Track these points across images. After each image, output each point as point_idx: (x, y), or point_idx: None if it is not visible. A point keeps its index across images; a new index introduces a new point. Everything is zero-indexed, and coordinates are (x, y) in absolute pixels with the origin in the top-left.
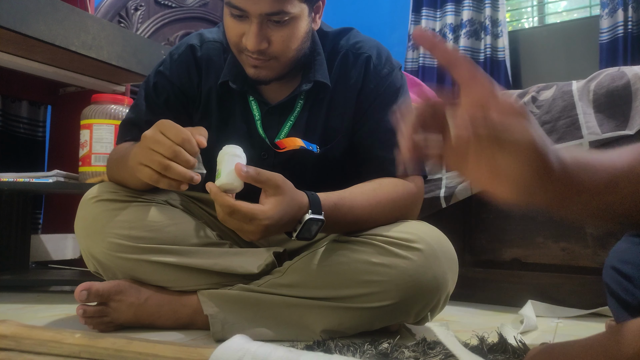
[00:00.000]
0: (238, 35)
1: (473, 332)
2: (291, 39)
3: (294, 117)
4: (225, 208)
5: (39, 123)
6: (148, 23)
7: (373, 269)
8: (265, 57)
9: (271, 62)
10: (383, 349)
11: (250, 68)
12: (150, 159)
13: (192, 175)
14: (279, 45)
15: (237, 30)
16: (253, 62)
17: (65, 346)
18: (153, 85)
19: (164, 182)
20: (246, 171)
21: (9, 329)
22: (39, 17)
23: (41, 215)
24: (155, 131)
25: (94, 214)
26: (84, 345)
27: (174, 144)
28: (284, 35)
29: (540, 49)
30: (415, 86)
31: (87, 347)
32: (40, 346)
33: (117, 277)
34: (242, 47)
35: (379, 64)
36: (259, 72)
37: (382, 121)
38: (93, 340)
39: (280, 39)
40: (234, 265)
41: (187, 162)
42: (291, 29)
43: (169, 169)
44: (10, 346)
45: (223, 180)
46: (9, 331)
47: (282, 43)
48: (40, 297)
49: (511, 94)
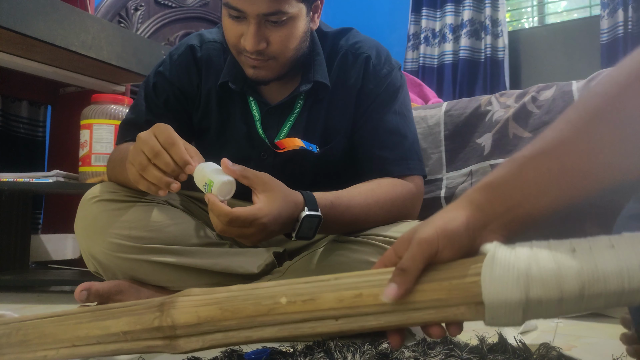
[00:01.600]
0: (236, 36)
1: (473, 332)
2: (289, 39)
3: (294, 117)
4: (224, 217)
5: (39, 123)
6: (148, 23)
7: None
8: (264, 57)
9: (270, 63)
10: (383, 349)
11: (249, 69)
12: (135, 158)
13: (167, 181)
14: (278, 46)
15: (236, 31)
16: (252, 63)
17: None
18: (153, 86)
19: (142, 183)
20: (232, 164)
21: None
22: (39, 17)
23: (41, 215)
24: (148, 132)
25: (94, 214)
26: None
27: (158, 145)
28: (282, 36)
29: (540, 49)
30: (415, 86)
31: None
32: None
33: (117, 277)
34: (241, 47)
35: (378, 64)
36: (258, 72)
37: (382, 121)
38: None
39: (278, 39)
40: (234, 265)
41: (166, 165)
42: (289, 29)
43: (146, 170)
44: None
45: (216, 181)
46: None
47: (281, 43)
48: (40, 297)
49: (511, 93)
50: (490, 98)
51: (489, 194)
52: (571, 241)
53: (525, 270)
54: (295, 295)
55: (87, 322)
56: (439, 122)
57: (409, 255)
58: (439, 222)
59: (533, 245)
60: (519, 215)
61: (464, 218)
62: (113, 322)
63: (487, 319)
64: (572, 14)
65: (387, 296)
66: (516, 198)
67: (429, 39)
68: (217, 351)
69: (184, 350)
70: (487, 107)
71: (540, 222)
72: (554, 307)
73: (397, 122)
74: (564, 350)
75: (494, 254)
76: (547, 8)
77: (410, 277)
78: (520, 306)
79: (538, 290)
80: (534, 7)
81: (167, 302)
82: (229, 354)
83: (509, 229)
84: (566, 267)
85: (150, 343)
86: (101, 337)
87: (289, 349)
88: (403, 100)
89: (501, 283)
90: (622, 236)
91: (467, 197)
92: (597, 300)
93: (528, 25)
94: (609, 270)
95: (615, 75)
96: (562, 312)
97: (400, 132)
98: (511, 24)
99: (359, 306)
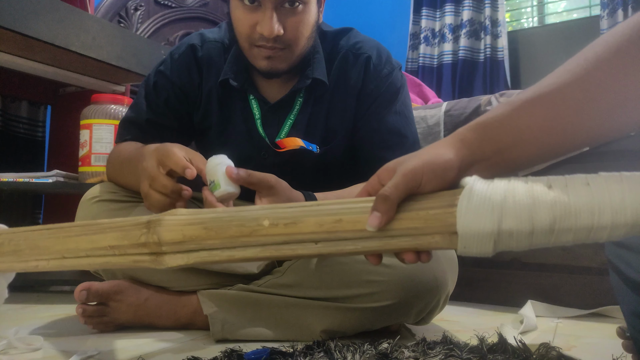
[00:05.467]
0: (251, 25)
1: (473, 332)
2: (304, 25)
3: (294, 115)
4: None
5: (39, 123)
6: (148, 23)
7: (373, 269)
8: (280, 45)
9: (285, 52)
10: (383, 349)
11: (263, 60)
12: (141, 188)
13: (168, 203)
14: (293, 32)
15: (250, 20)
16: (266, 53)
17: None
18: (153, 85)
19: (153, 210)
20: (237, 173)
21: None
22: (39, 17)
23: (41, 215)
24: (149, 157)
25: (93, 214)
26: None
27: (154, 169)
28: (297, 22)
29: (540, 49)
30: (414, 86)
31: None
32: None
33: (116, 277)
34: (255, 37)
35: (379, 64)
36: (272, 63)
37: (383, 121)
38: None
39: (294, 24)
40: (234, 265)
41: (164, 187)
42: (303, 15)
43: (147, 197)
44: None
45: (222, 188)
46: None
47: (296, 30)
48: (40, 297)
49: (511, 93)
50: (490, 98)
51: (480, 134)
52: (549, 178)
53: (500, 202)
54: (277, 218)
55: (77, 235)
56: (439, 122)
57: (392, 184)
58: (425, 155)
59: (510, 180)
60: (506, 159)
61: (452, 155)
62: (101, 236)
63: (459, 248)
64: (572, 14)
65: (371, 225)
66: (507, 141)
67: (429, 39)
68: (217, 351)
69: (169, 266)
70: (487, 107)
71: (524, 170)
72: (524, 240)
73: (398, 122)
74: (564, 350)
75: (472, 187)
76: (547, 8)
77: (391, 205)
78: (492, 237)
79: (510, 222)
80: (534, 7)
81: (154, 220)
82: (229, 353)
83: (493, 173)
84: (540, 201)
85: (137, 258)
86: (90, 250)
87: (289, 349)
88: (404, 100)
89: (475, 214)
90: (599, 175)
91: (458, 134)
92: (566, 235)
93: (528, 25)
94: (581, 205)
95: (619, 29)
96: (532, 246)
97: (401, 132)
98: (511, 24)
99: (338, 231)
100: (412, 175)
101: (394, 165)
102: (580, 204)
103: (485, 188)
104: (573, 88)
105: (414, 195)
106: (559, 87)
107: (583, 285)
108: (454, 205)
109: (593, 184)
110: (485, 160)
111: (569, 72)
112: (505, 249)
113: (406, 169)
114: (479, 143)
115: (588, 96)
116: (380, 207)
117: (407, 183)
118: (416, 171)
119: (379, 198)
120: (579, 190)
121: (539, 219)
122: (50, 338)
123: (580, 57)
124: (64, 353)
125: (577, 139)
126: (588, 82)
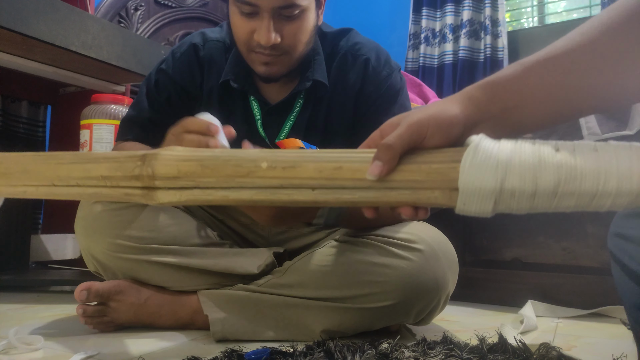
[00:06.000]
0: (248, 32)
1: (473, 332)
2: (302, 32)
3: (294, 116)
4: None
5: (39, 123)
6: (148, 23)
7: (373, 269)
8: (277, 52)
9: (282, 58)
10: (383, 349)
11: (261, 66)
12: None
13: (205, 140)
14: (291, 39)
15: (247, 27)
16: (264, 59)
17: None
18: (154, 83)
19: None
20: (229, 132)
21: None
22: (39, 17)
23: (41, 215)
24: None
25: (94, 214)
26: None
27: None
28: (295, 29)
29: (540, 49)
30: (415, 86)
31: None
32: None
33: (117, 277)
34: (253, 44)
35: (378, 66)
36: (270, 69)
37: (382, 123)
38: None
39: (291, 32)
40: (234, 265)
41: (199, 125)
42: (301, 22)
43: (182, 140)
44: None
45: (219, 142)
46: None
47: (294, 36)
48: (40, 297)
49: None
50: None
51: (488, 92)
52: (557, 142)
53: (505, 160)
54: (276, 161)
55: (69, 163)
56: None
57: (396, 133)
58: (432, 109)
59: (518, 141)
60: (512, 120)
61: (458, 111)
62: (94, 165)
63: (458, 205)
64: (572, 14)
65: (372, 174)
66: (514, 100)
67: (429, 39)
68: (217, 351)
69: (160, 202)
70: None
71: (530, 132)
72: (526, 201)
73: None
74: (564, 350)
75: (478, 143)
76: (547, 8)
77: (394, 154)
78: (493, 195)
79: (514, 181)
80: (534, 7)
81: (150, 154)
82: (229, 353)
83: (499, 132)
84: (546, 162)
85: (129, 191)
86: (81, 180)
87: (289, 349)
88: (403, 102)
89: (479, 170)
90: (608, 143)
91: (466, 92)
92: (569, 200)
93: (528, 25)
94: (587, 169)
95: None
96: (532, 209)
97: None
98: (511, 24)
99: (336, 178)
100: (417, 127)
101: (398, 119)
102: (587, 168)
103: (491, 146)
104: (584, 51)
105: (417, 149)
106: (569, 49)
107: (583, 285)
108: (458, 161)
109: (601, 150)
110: (491, 119)
111: (581, 35)
112: (505, 210)
113: (412, 120)
114: (486, 101)
115: (597, 60)
116: (382, 156)
117: (412, 134)
118: (421, 123)
119: (382, 147)
120: (586, 155)
121: (543, 180)
122: (51, 338)
123: (595, 20)
124: (64, 353)
125: (585, 103)
126: (598, 46)
